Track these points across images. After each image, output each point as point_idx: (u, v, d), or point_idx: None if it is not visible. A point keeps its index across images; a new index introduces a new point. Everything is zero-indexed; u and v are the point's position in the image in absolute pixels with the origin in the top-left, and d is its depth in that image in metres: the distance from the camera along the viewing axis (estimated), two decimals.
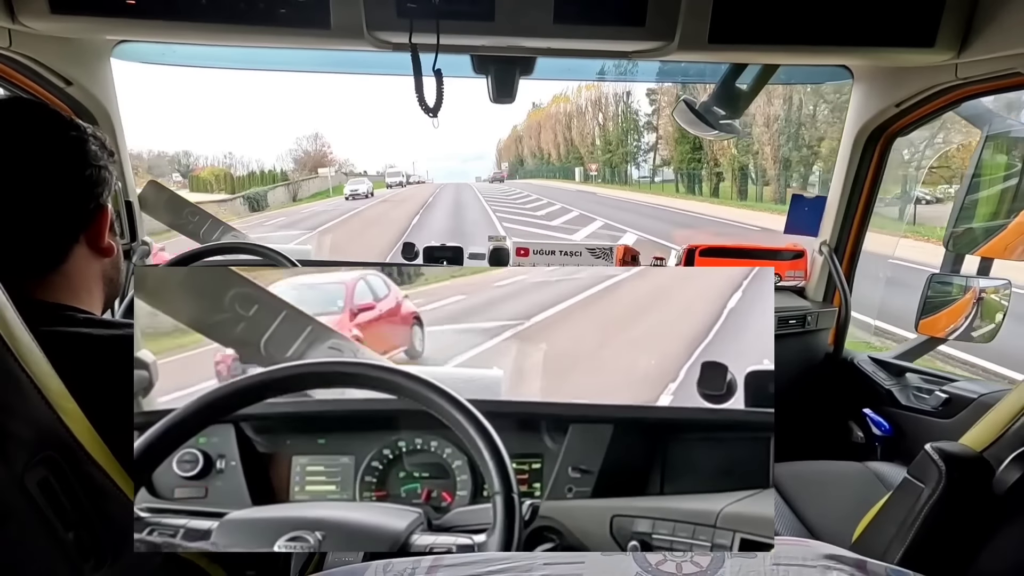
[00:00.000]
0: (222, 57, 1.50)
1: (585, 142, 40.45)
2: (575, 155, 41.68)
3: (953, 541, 0.86)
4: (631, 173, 35.43)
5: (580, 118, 41.36)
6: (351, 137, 62.85)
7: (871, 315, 4.46)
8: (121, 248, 0.83)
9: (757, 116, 21.93)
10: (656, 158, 33.72)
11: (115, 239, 0.80)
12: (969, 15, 1.13)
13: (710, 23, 1.10)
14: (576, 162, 41.59)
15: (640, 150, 35.08)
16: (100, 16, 1.03)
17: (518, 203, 23.02)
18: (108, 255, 0.78)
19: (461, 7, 1.07)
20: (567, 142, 43.26)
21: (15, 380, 0.52)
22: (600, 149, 38.51)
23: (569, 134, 42.63)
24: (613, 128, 37.68)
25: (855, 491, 1.49)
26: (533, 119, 48.83)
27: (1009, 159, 1.53)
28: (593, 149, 39.61)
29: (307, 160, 36.68)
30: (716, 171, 26.11)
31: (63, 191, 0.72)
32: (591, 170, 37.66)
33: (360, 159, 62.89)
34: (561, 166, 44.16)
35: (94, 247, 0.76)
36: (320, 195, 28.31)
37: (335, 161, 38.02)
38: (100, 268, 0.78)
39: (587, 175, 38.67)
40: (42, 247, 0.72)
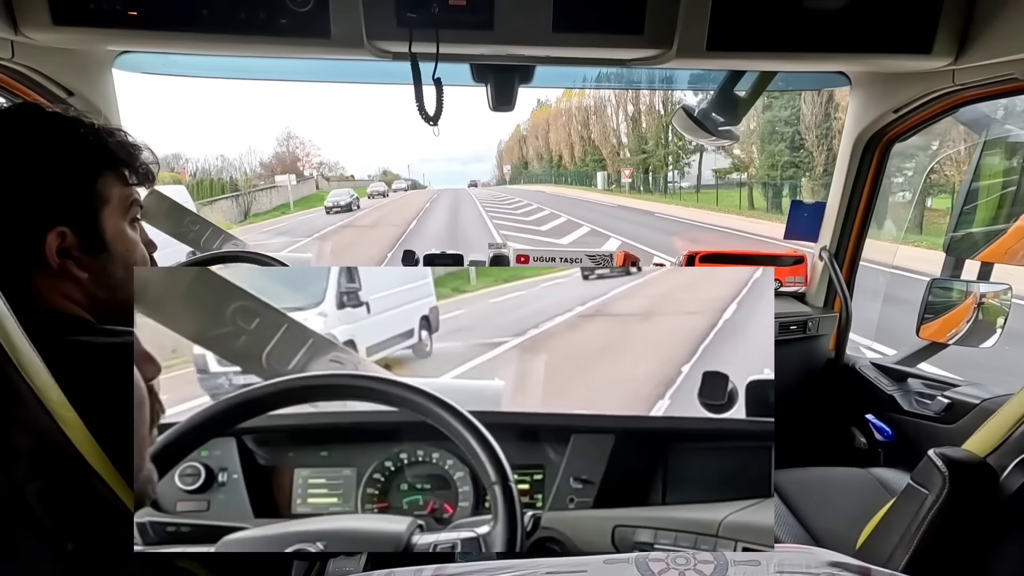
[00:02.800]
0: (223, 67, 1.51)
1: (608, 142, 34.11)
2: (595, 157, 35.37)
3: (957, 547, 0.86)
4: (664, 179, 28.73)
5: (601, 113, 34.61)
6: (345, 140, 61.44)
7: (867, 332, 4.11)
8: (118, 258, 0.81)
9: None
10: (693, 161, 27.15)
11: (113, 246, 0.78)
12: (966, 21, 1.13)
13: (708, 31, 1.10)
14: (595, 165, 35.30)
15: (686, 150, 27.44)
16: (102, 27, 1.03)
17: (530, 221, 17.84)
18: (71, 279, 0.74)
19: (460, 16, 1.08)
20: (584, 142, 36.75)
21: (15, 389, 0.52)
22: (631, 149, 31.68)
23: (587, 132, 36.36)
24: (650, 124, 30.35)
25: (858, 498, 1.48)
26: (539, 117, 43.54)
27: (1007, 164, 1.53)
28: (619, 149, 33.53)
29: (276, 166, 32.39)
30: (824, 180, 17.15)
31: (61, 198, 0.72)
32: (624, 176, 30.87)
33: (353, 163, 60.96)
34: (576, 171, 38.12)
35: (52, 266, 0.72)
36: (278, 210, 23.89)
37: (306, 165, 32.54)
38: (82, 283, 0.75)
39: (612, 181, 32.58)
40: (39, 253, 0.71)
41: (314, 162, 34.57)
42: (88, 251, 0.75)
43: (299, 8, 1.04)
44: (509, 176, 48.77)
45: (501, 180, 49.61)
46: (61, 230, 0.72)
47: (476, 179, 48.14)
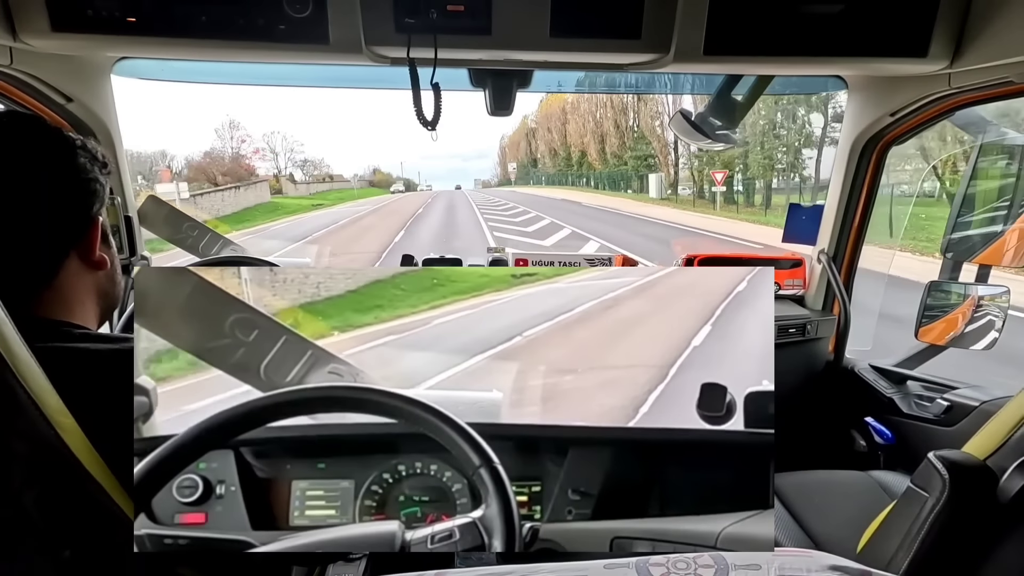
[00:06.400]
0: (221, 72, 1.51)
1: (660, 135, 24.18)
2: (639, 153, 25.54)
3: (958, 550, 0.85)
4: (768, 187, 18.46)
5: (648, 98, 23.62)
6: (334, 136, 59.09)
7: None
8: (119, 262, 0.82)
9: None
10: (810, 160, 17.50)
11: (110, 252, 0.79)
12: (961, 25, 1.14)
13: (705, 35, 1.11)
14: (638, 164, 25.31)
15: (810, 140, 17.87)
16: (101, 33, 1.04)
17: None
18: (100, 268, 0.77)
19: (459, 22, 1.08)
20: (622, 132, 27.03)
21: (13, 396, 0.52)
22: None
23: (623, 121, 26.85)
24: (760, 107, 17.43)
25: (859, 501, 1.48)
26: (552, 106, 33.85)
27: (1004, 167, 1.54)
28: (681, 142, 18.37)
29: (213, 165, 22.73)
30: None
31: (51, 204, 0.71)
32: (716, 181, 19.25)
33: (339, 160, 57.73)
34: (609, 171, 28.26)
35: (85, 260, 0.75)
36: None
37: (248, 166, 23.43)
38: (94, 281, 0.77)
39: (694, 189, 21.58)
40: (32, 261, 0.71)
41: (297, 159, 28.12)
42: (106, 242, 0.78)
43: (297, 14, 1.04)
44: (515, 175, 42.09)
45: (505, 180, 43.84)
46: (101, 220, 0.75)
47: (475, 179, 43.63)
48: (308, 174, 27.21)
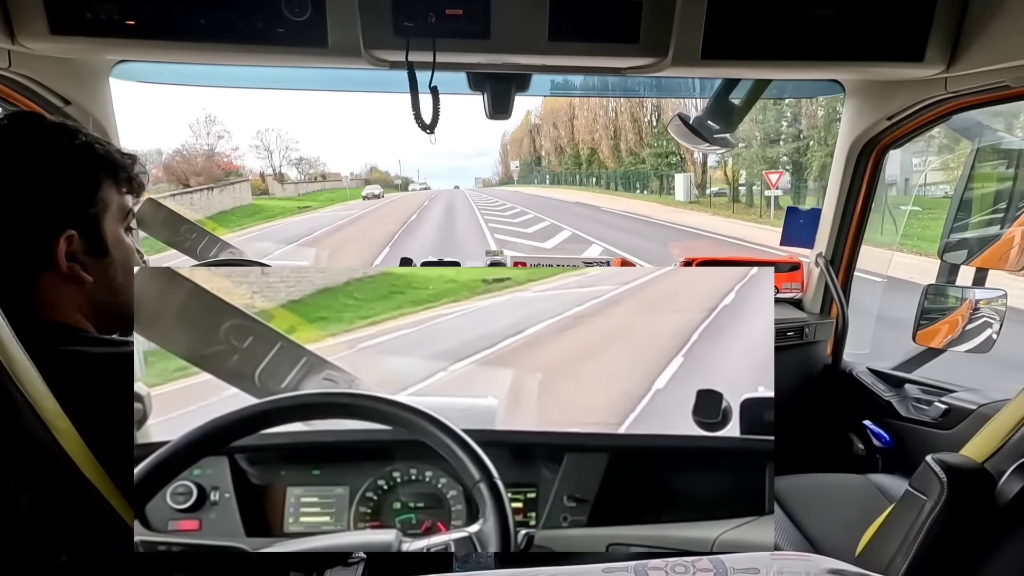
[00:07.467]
0: (220, 76, 1.51)
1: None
2: (660, 151, 22.61)
3: (957, 554, 0.85)
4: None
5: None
6: (333, 135, 57.54)
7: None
8: (118, 273, 0.81)
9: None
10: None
11: (100, 264, 0.77)
12: (957, 29, 1.14)
13: (703, 39, 1.11)
14: (659, 163, 22.62)
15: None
16: (100, 36, 1.03)
17: None
18: (75, 283, 0.75)
19: (457, 25, 1.09)
20: (640, 127, 24.65)
21: (9, 399, 0.52)
22: (761, 139, 17.37)
23: (643, 113, 24.39)
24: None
25: (857, 504, 1.48)
26: (558, 100, 28.31)
27: (1000, 170, 1.54)
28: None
29: (184, 164, 19.85)
30: None
31: (15, 217, 0.71)
32: (771, 183, 15.40)
33: (336, 158, 56.47)
34: (624, 171, 25.50)
35: (59, 274, 0.73)
36: None
37: (226, 164, 21.34)
38: (80, 292, 0.76)
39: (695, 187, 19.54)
40: (11, 271, 0.71)
41: (292, 157, 26.03)
42: (93, 255, 0.76)
43: (296, 17, 1.04)
44: (518, 174, 38.95)
45: (507, 179, 40.85)
46: (70, 234, 0.73)
47: (476, 178, 41.33)
48: (304, 172, 25.90)
